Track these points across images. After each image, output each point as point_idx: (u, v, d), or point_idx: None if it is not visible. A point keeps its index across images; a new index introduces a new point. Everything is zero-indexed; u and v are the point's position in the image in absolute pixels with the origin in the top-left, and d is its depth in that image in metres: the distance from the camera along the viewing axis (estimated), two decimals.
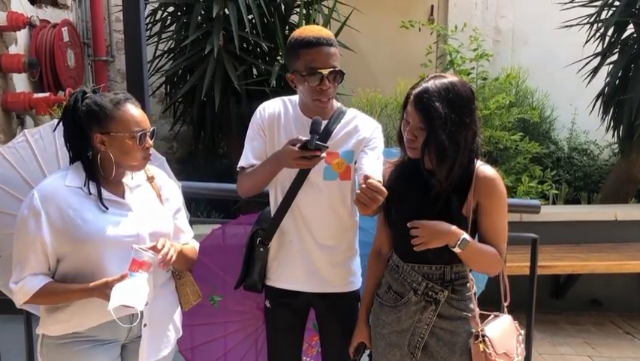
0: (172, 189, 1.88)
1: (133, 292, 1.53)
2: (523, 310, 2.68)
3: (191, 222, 2.25)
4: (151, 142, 1.71)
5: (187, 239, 1.89)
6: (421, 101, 1.62)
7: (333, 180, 1.89)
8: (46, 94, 4.52)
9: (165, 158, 2.12)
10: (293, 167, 1.78)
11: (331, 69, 1.79)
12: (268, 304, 2.01)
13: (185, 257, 1.80)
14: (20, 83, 4.54)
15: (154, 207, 1.76)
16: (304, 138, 1.73)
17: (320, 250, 1.91)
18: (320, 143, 1.71)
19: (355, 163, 1.88)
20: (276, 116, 1.92)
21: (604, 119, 4.90)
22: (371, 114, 3.54)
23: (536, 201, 2.92)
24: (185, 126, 5.12)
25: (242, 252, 2.18)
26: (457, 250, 1.62)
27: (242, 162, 1.94)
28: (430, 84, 1.63)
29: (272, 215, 1.95)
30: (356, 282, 2.00)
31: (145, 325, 1.71)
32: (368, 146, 1.88)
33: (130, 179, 1.75)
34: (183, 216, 1.91)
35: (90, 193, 1.64)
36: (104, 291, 1.56)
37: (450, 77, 1.67)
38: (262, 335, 2.24)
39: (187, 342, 2.25)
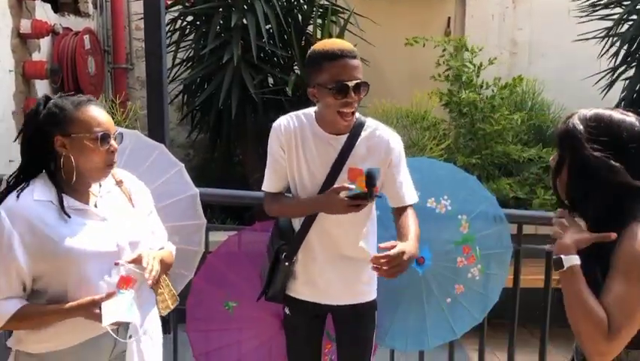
0: (142, 191, 1.80)
1: (125, 309, 1.50)
2: (538, 325, 2.67)
3: (207, 229, 2.28)
4: (116, 145, 1.60)
5: (162, 242, 1.82)
6: (564, 122, 1.48)
7: None
8: None
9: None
10: (338, 214, 1.78)
11: (357, 81, 1.77)
12: (288, 311, 2.02)
13: (164, 265, 1.73)
14: (42, 89, 4.62)
15: (128, 213, 1.68)
16: (352, 187, 1.73)
17: (343, 264, 1.91)
18: (378, 195, 1.72)
19: (386, 186, 1.90)
20: (293, 131, 1.89)
21: None
22: (386, 125, 3.55)
23: (551, 213, 2.90)
24: (202, 134, 5.16)
25: (257, 259, 2.20)
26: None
27: (268, 188, 1.95)
28: (584, 109, 1.47)
29: (295, 229, 1.94)
30: (373, 291, 2.00)
31: (130, 336, 1.63)
32: (393, 166, 1.90)
33: (98, 186, 1.67)
34: (156, 217, 1.84)
35: (62, 207, 1.55)
36: (90, 310, 1.50)
37: (618, 112, 1.45)
38: (276, 342, 2.25)
39: (201, 347, 2.27)
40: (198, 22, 4.77)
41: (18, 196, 1.54)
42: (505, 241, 2.32)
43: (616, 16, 4.75)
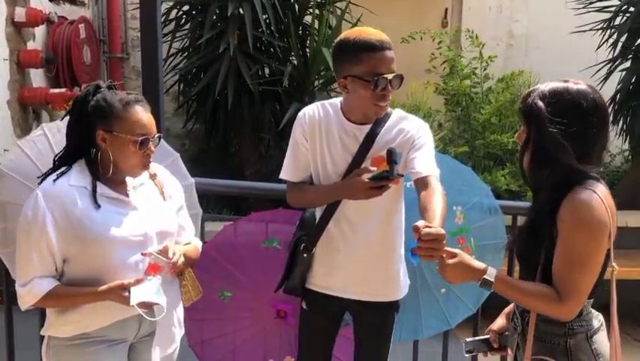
0: (174, 186, 1.85)
1: (152, 292, 1.56)
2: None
3: (203, 219, 2.28)
4: (153, 149, 1.66)
5: (189, 237, 1.88)
6: (525, 99, 1.53)
7: None
8: (62, 89, 4.58)
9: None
10: (360, 198, 1.72)
11: (395, 74, 1.73)
12: (305, 306, 2.01)
13: (188, 259, 1.78)
14: (37, 78, 4.61)
15: (158, 205, 1.74)
16: (374, 169, 1.70)
17: (366, 256, 1.88)
18: (400, 173, 1.67)
19: (406, 165, 1.81)
20: (317, 119, 1.86)
21: (615, 125, 4.88)
22: None
23: None
24: (198, 124, 5.16)
25: (253, 249, 2.21)
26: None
27: (288, 176, 1.92)
28: (541, 85, 1.52)
29: (317, 220, 1.92)
30: (398, 293, 1.97)
31: (158, 323, 1.72)
32: (414, 147, 1.81)
33: (132, 178, 1.72)
34: (186, 213, 1.90)
35: (95, 194, 1.61)
36: (119, 293, 1.56)
37: (572, 83, 1.48)
38: (271, 331, 2.26)
39: (196, 336, 2.28)
40: (194, 12, 4.75)
41: (55, 180, 1.61)
42: (499, 233, 2.33)
43: (613, 8, 4.74)
